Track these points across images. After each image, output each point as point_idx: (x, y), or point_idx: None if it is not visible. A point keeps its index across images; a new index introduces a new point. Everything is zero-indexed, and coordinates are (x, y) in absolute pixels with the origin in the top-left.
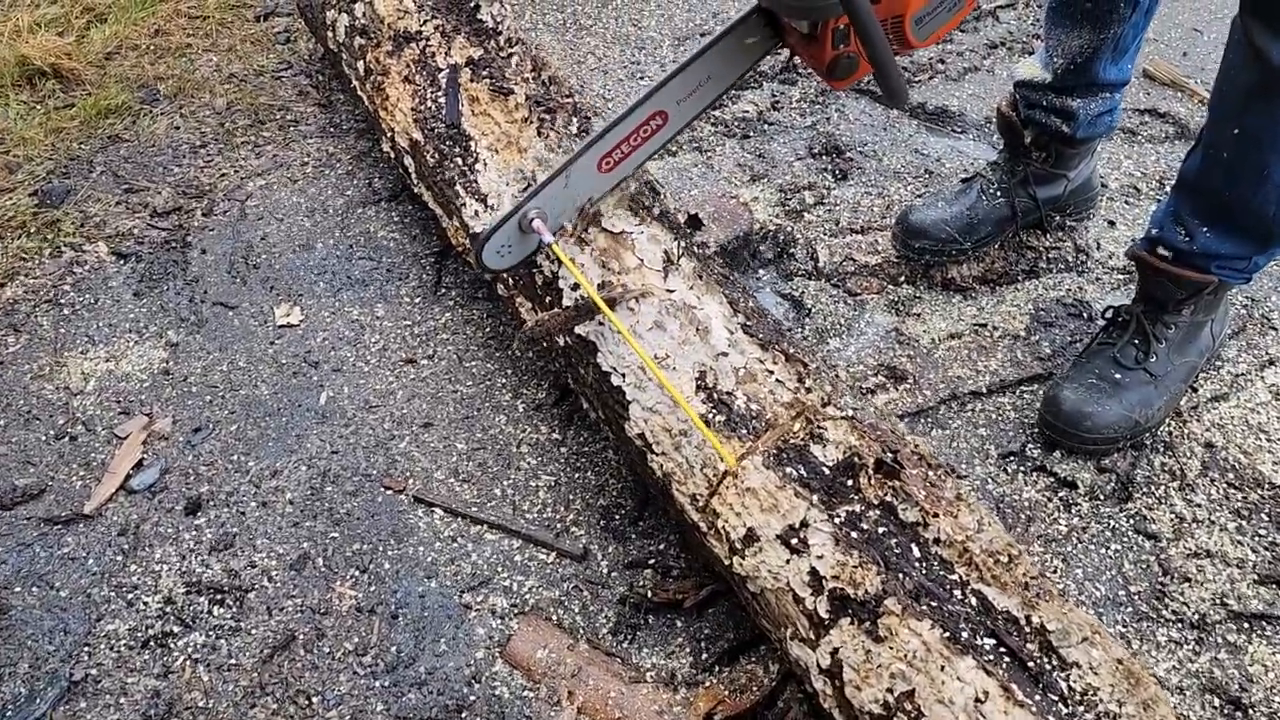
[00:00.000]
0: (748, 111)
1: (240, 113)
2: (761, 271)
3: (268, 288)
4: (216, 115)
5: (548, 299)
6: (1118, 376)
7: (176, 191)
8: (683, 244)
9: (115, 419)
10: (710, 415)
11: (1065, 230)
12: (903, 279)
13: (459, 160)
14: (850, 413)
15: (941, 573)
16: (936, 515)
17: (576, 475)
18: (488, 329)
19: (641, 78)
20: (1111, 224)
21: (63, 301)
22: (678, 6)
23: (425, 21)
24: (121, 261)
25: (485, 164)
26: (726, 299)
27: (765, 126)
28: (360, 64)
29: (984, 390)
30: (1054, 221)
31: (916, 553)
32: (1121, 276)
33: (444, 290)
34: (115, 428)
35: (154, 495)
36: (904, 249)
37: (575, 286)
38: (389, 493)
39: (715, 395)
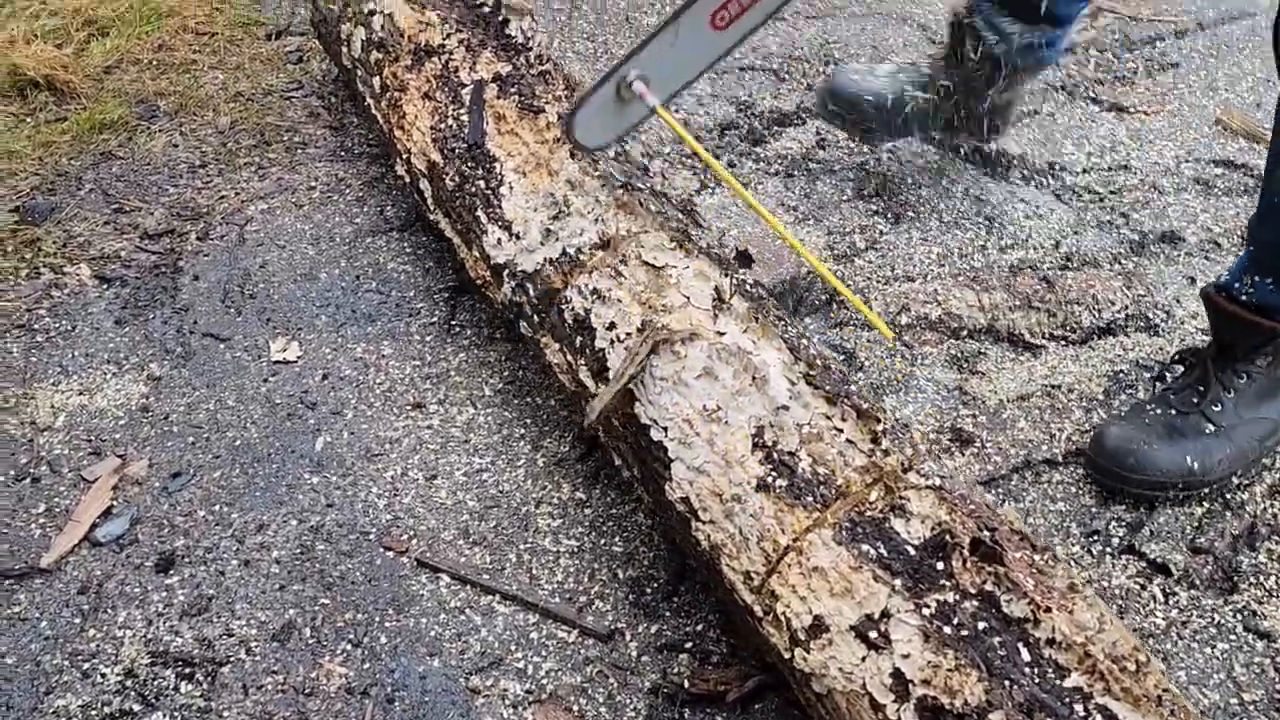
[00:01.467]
0: (791, 149)
1: (245, 132)
2: (809, 319)
3: (264, 320)
4: (219, 134)
5: (578, 340)
6: (1175, 421)
7: (170, 213)
8: (733, 280)
9: (84, 460)
10: (770, 479)
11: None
12: (966, 333)
13: (482, 183)
14: (937, 480)
15: (1057, 681)
16: (1048, 610)
17: (602, 541)
18: (505, 373)
19: (676, 110)
20: (1192, 280)
21: (36, 327)
22: None
23: (449, 35)
24: (105, 286)
25: (511, 188)
26: (785, 343)
27: (811, 165)
28: (376, 80)
29: (1060, 458)
30: (961, 119)
31: (1026, 655)
32: (1206, 338)
33: (457, 328)
34: (83, 469)
35: (121, 549)
36: (822, 110)
37: (611, 326)
38: (389, 554)
39: (775, 455)
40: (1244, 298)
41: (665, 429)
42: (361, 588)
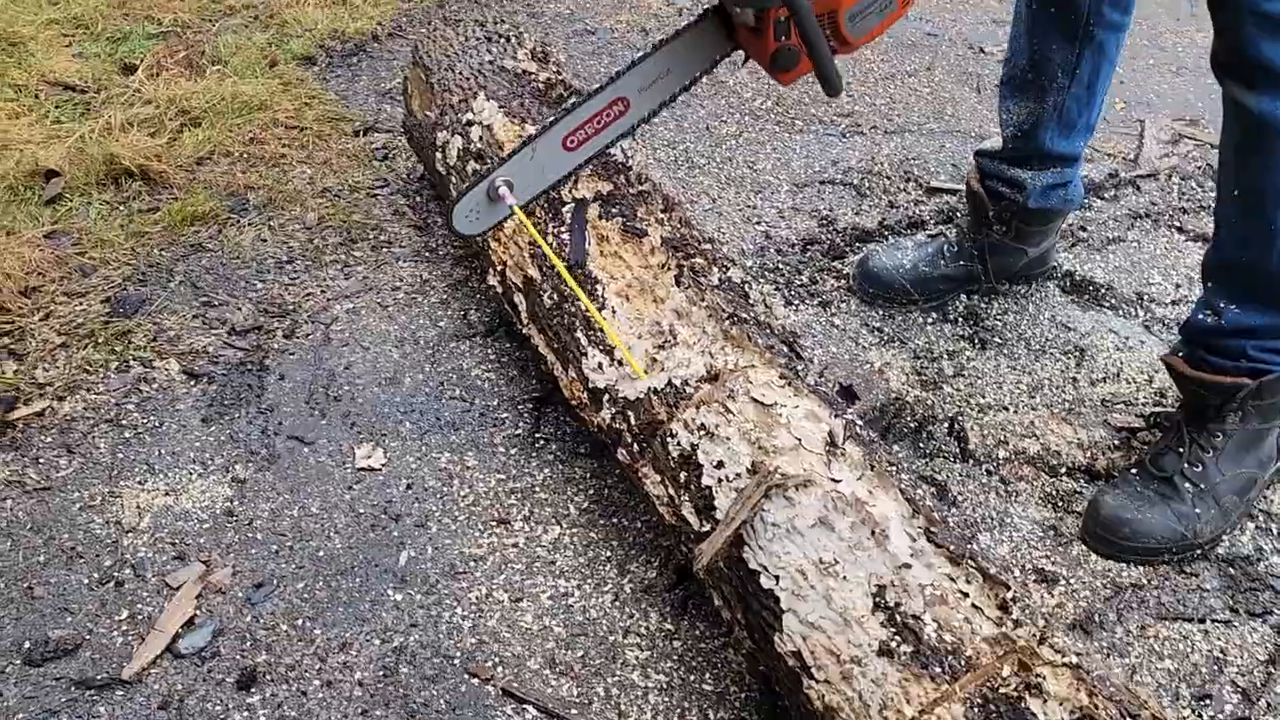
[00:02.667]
0: None
1: (331, 229)
2: (897, 447)
3: (348, 424)
4: (306, 230)
5: (683, 475)
6: (1161, 486)
7: (258, 309)
8: (846, 423)
9: (169, 564)
10: (893, 643)
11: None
12: (1063, 471)
13: (583, 305)
14: (1074, 659)
15: None
16: None
17: (692, 678)
18: (590, 490)
19: (758, 222)
20: None
21: (124, 422)
22: (794, 151)
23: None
24: (192, 382)
25: (614, 312)
26: (902, 494)
27: None
28: None
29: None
30: (1003, 288)
31: None
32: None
33: (542, 441)
34: (168, 575)
35: (204, 662)
36: (860, 292)
37: (719, 465)
38: (474, 681)
39: (898, 618)
40: (1210, 327)
41: (777, 577)
42: (445, 716)
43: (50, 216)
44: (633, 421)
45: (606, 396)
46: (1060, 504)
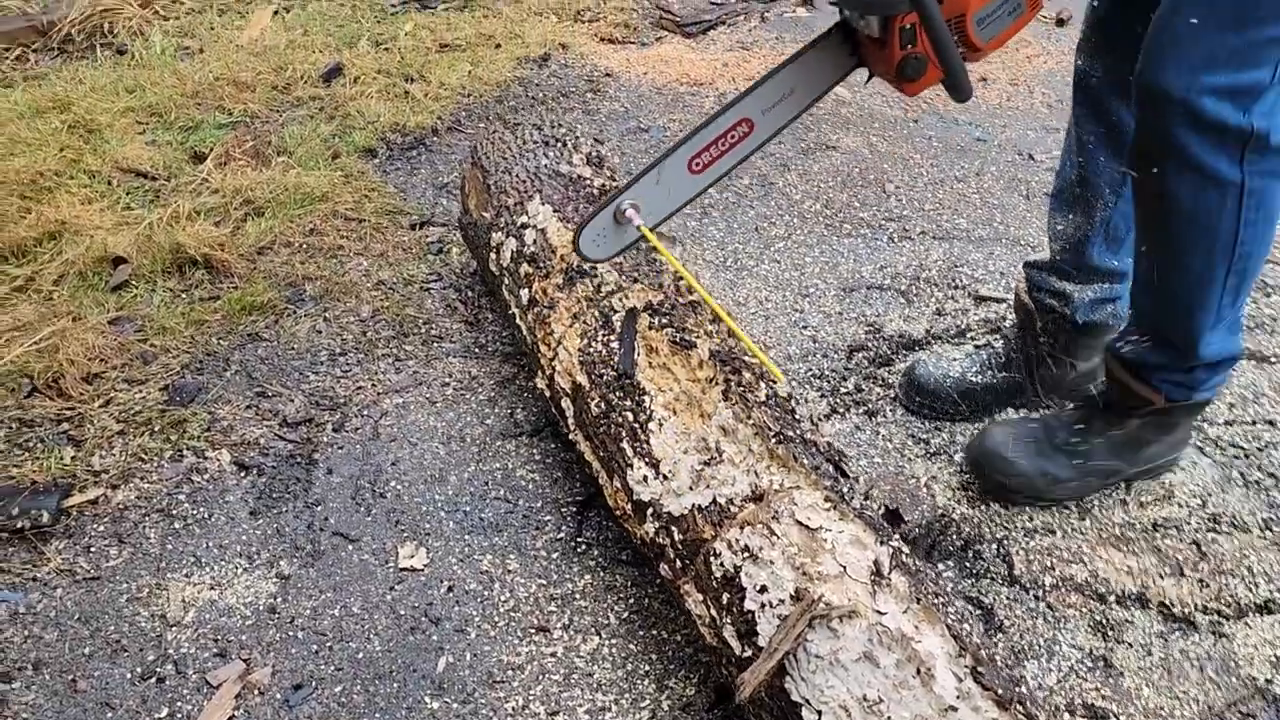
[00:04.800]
0: None
1: (384, 322)
2: (943, 566)
3: (392, 521)
4: (360, 322)
5: (725, 597)
6: (1046, 446)
7: (309, 401)
8: (892, 551)
9: (210, 661)
10: None
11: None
12: (1112, 599)
13: (630, 415)
14: None
15: None
16: None
17: None
18: (631, 600)
19: (804, 327)
20: None
21: (175, 513)
22: (842, 255)
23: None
24: (242, 474)
25: (661, 425)
26: (949, 630)
27: None
28: (524, 292)
29: None
30: (1049, 401)
31: None
32: None
33: (583, 546)
34: (208, 673)
35: None
36: (906, 401)
37: (762, 589)
38: None
39: None
40: (1130, 355)
41: (819, 712)
42: None
43: (116, 303)
44: (676, 537)
45: (650, 510)
46: (1110, 633)
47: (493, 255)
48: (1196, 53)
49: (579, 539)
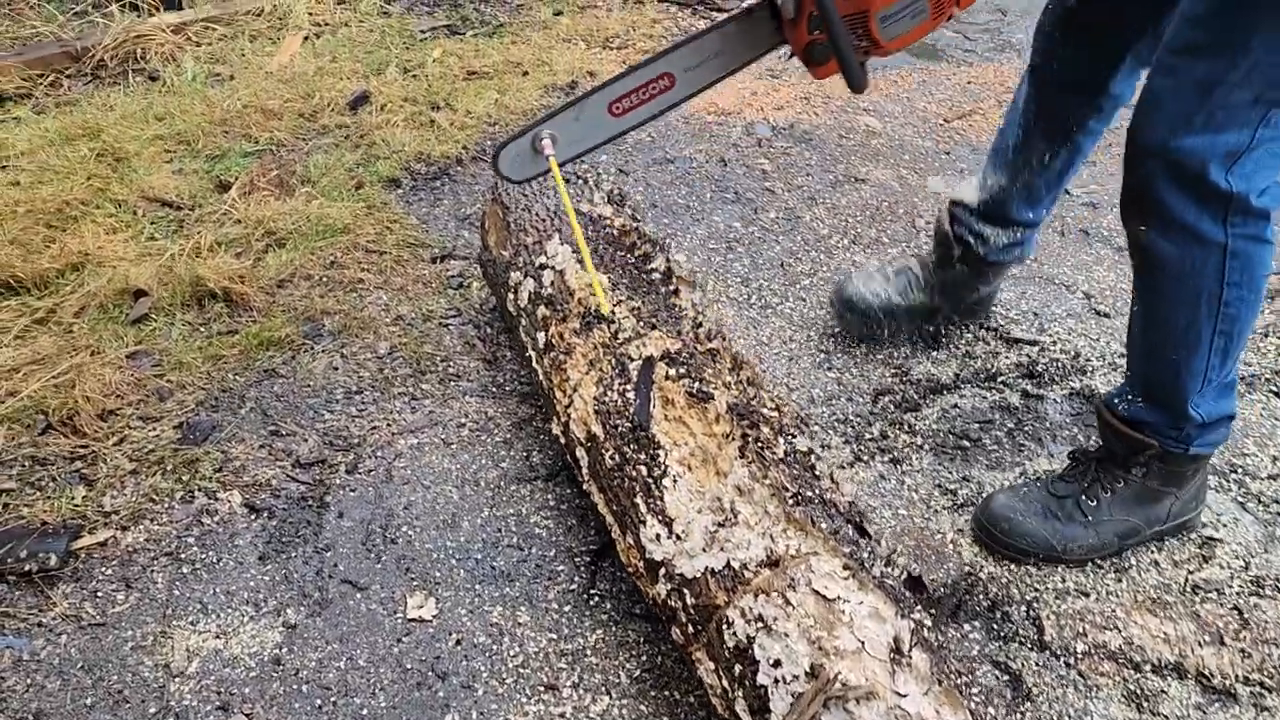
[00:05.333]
0: (948, 422)
1: (402, 359)
2: (969, 627)
3: (403, 569)
4: (377, 359)
5: (737, 668)
6: (1052, 504)
7: (323, 441)
8: (914, 626)
9: (212, 715)
10: None
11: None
12: (1148, 667)
13: (644, 469)
14: None
15: None
16: None
17: None
18: (643, 657)
19: (829, 368)
20: None
21: (184, 556)
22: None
23: (619, 302)
24: (253, 516)
25: (675, 481)
26: (972, 716)
27: (966, 442)
28: (540, 335)
29: None
30: (950, 323)
31: None
32: None
33: (596, 599)
34: None
35: None
36: (838, 319)
37: (776, 664)
38: None
39: None
40: (1123, 412)
41: None
42: None
43: (135, 336)
44: (688, 601)
45: (663, 570)
46: (1145, 705)
47: (511, 294)
48: (1176, 112)
49: (592, 590)
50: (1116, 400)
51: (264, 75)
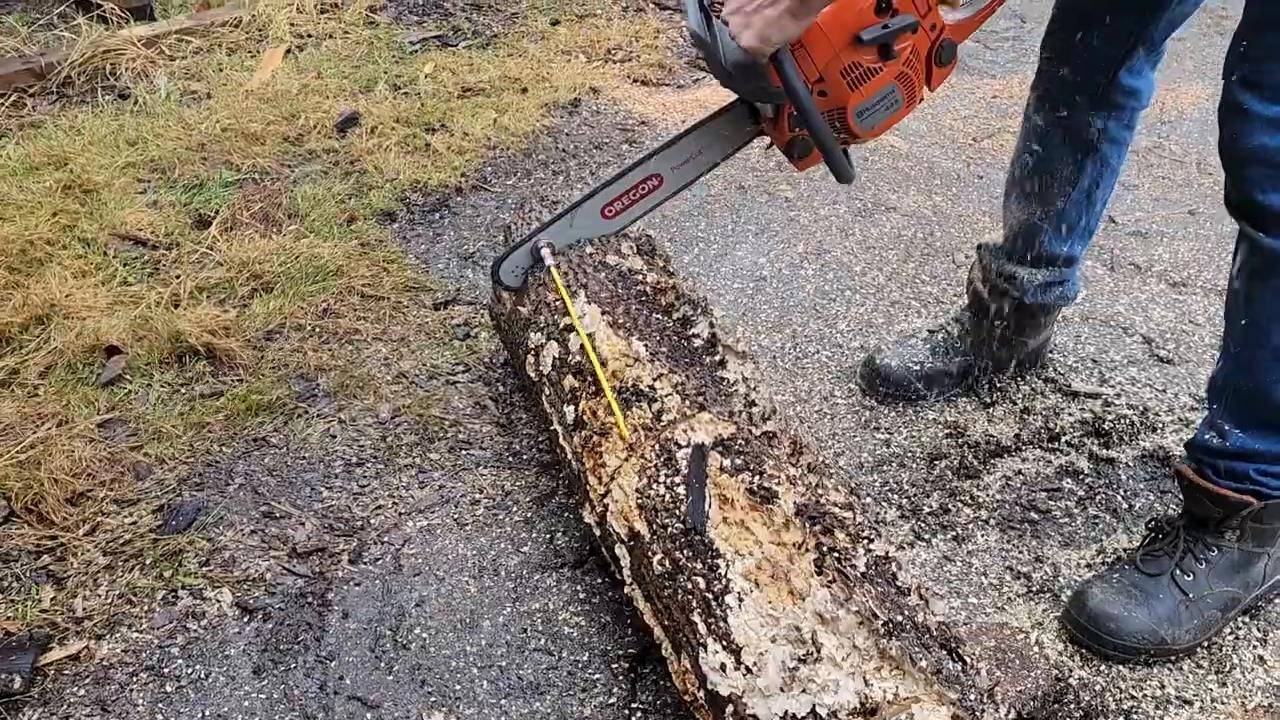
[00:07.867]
0: (1012, 490)
1: (406, 425)
2: None
3: (417, 681)
4: (379, 425)
5: None
6: (1149, 586)
7: (322, 524)
8: None
9: None
10: None
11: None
12: None
13: (701, 581)
14: None
15: None
16: None
17: None
18: None
19: (876, 428)
20: None
21: (167, 671)
22: None
23: (660, 376)
24: (246, 619)
25: (741, 599)
26: None
27: (1034, 515)
28: (570, 410)
29: None
30: (998, 380)
31: None
32: None
33: (640, 714)
34: None
35: None
36: (870, 390)
37: None
38: None
39: None
40: (1214, 447)
41: None
42: None
43: (107, 401)
44: None
45: (731, 709)
46: None
47: (531, 358)
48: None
49: (633, 703)
50: (1199, 440)
51: (244, 94)
